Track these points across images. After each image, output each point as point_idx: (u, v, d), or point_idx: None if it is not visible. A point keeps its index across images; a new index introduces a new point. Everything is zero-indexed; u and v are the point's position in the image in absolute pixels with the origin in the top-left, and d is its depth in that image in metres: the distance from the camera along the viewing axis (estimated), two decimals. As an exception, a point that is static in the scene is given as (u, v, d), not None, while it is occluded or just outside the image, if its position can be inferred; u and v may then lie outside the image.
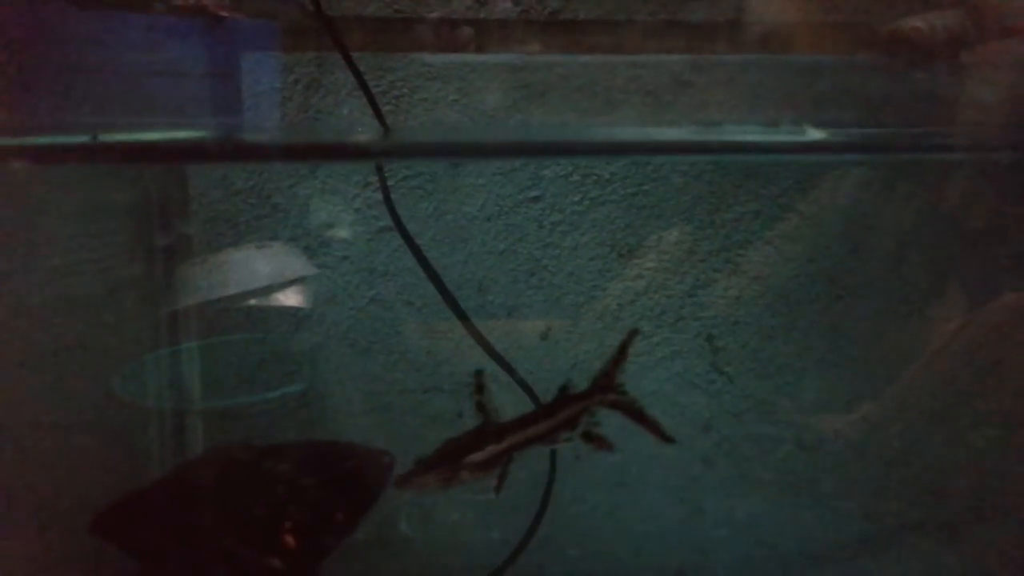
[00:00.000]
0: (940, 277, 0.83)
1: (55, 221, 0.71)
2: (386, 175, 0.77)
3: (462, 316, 0.76)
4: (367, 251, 0.83)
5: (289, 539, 0.60)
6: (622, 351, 0.57)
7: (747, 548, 0.88)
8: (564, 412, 0.56)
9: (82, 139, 0.55)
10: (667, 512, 0.88)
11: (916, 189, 0.81)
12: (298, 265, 0.83)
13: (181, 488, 0.67)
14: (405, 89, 0.77)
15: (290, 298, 0.84)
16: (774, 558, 0.88)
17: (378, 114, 0.73)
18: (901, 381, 0.84)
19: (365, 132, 0.75)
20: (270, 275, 0.82)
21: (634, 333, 0.58)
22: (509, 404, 0.85)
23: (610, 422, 0.60)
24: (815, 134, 0.65)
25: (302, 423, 0.86)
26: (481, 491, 0.87)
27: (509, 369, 0.77)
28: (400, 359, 0.85)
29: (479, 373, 0.55)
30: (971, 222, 0.79)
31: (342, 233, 0.82)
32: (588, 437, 0.57)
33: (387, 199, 0.76)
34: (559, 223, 0.82)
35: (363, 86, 0.71)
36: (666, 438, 0.60)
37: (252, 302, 0.82)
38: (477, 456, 0.54)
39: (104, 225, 0.76)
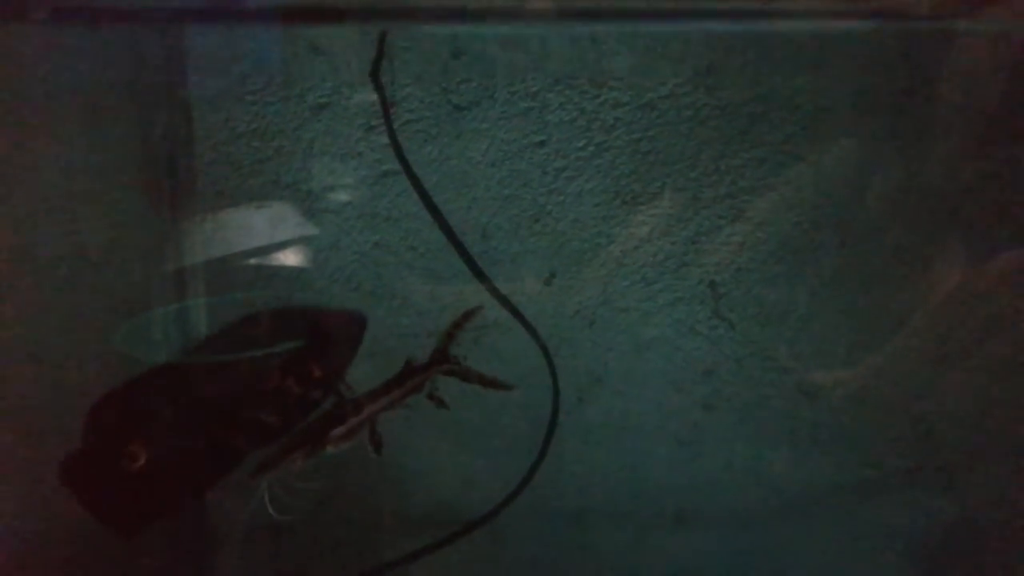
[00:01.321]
0: (946, 225, 0.83)
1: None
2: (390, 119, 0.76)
3: (469, 260, 0.77)
4: (370, 195, 0.82)
5: (275, 396, 0.63)
6: (455, 327, 0.67)
7: (746, 493, 0.89)
8: (410, 382, 0.65)
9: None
10: (667, 456, 0.89)
11: (922, 134, 0.81)
12: (297, 225, 0.83)
13: (163, 375, 0.67)
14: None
15: (290, 257, 0.85)
16: (773, 503, 0.89)
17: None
18: (904, 329, 0.85)
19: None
20: (269, 234, 0.83)
21: (470, 313, 0.68)
22: (513, 351, 0.87)
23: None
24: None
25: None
26: (481, 437, 0.89)
27: (516, 314, 0.77)
28: (403, 304, 0.86)
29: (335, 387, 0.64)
30: (979, 165, 0.79)
31: (345, 177, 0.82)
32: (430, 398, 0.67)
33: (394, 142, 0.75)
34: (563, 169, 0.82)
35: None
36: (505, 387, 0.69)
37: (252, 261, 0.83)
38: (340, 430, 0.61)
39: (111, 178, 0.75)
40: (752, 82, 0.80)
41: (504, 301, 0.77)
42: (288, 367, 0.64)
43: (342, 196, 0.82)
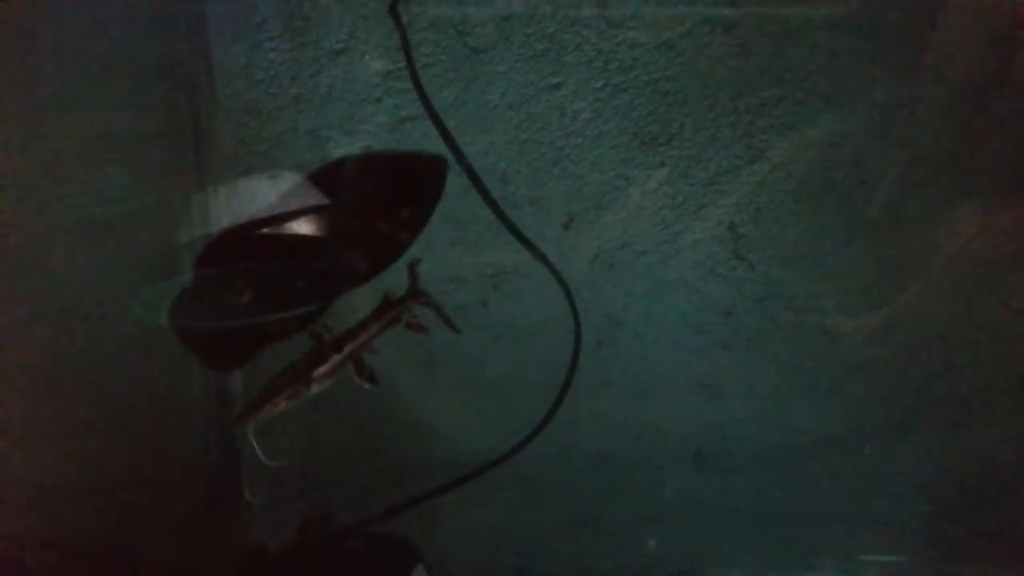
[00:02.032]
0: (969, 163, 0.83)
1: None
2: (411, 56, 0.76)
3: (492, 204, 0.77)
4: (389, 141, 0.83)
5: (367, 237, 0.67)
6: (412, 265, 0.71)
7: (766, 433, 0.90)
8: (388, 315, 0.67)
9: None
10: (687, 398, 0.90)
11: (945, 71, 0.80)
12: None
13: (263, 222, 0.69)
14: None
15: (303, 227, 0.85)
16: (793, 443, 0.90)
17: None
18: (924, 267, 0.85)
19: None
20: (282, 204, 0.83)
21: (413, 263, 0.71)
22: (532, 296, 0.87)
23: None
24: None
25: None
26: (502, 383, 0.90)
27: (541, 257, 0.78)
28: (423, 250, 0.86)
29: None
30: (1001, 103, 0.79)
31: (364, 123, 0.82)
32: (409, 326, 0.70)
33: (415, 79, 0.75)
34: (581, 111, 0.82)
35: None
36: (453, 328, 0.73)
37: (267, 230, 0.83)
38: (323, 369, 0.63)
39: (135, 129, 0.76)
40: (770, 20, 0.80)
41: (527, 243, 0.77)
42: (375, 211, 0.66)
43: (361, 143, 0.83)
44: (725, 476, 0.90)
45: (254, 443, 0.60)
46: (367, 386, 0.65)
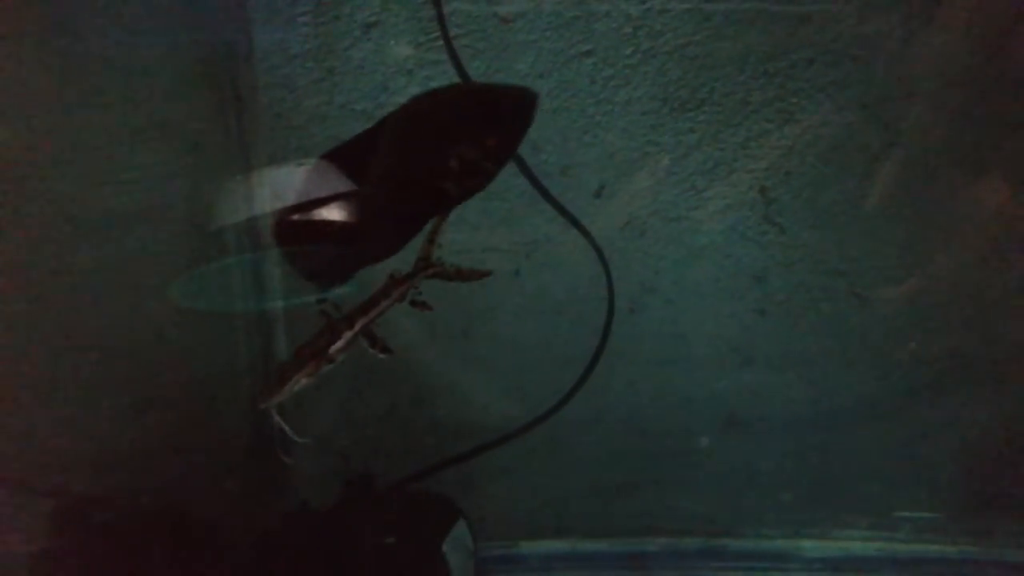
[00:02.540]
0: (999, 123, 0.82)
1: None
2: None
3: (526, 170, 0.78)
4: (422, 113, 0.84)
5: (456, 164, 0.67)
6: (433, 233, 0.71)
7: (798, 395, 0.91)
8: (396, 291, 0.68)
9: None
10: (719, 362, 0.91)
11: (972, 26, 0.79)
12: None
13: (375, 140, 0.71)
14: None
15: (332, 213, 0.87)
16: (825, 405, 0.91)
17: None
18: (956, 229, 0.85)
19: None
20: (310, 192, 0.85)
21: (440, 219, 0.71)
22: (564, 264, 0.89)
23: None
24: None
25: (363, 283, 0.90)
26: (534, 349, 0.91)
27: (575, 222, 0.79)
28: (457, 220, 0.87)
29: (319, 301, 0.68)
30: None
31: (396, 95, 0.83)
32: (414, 303, 0.70)
33: (453, 56, 0.76)
34: (611, 78, 0.82)
35: None
36: (482, 274, 0.74)
37: (296, 217, 0.85)
38: (338, 344, 0.64)
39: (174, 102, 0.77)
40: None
41: (561, 209, 0.78)
42: (463, 139, 0.67)
43: (394, 114, 0.84)
44: (757, 439, 0.91)
45: (280, 421, 0.63)
46: (381, 356, 0.67)
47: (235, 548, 0.63)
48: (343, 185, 0.70)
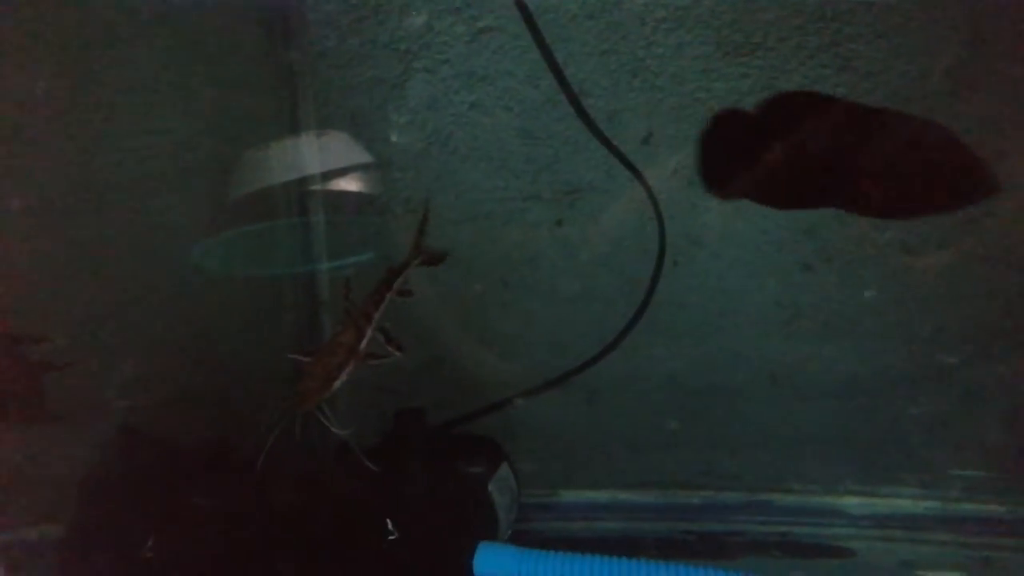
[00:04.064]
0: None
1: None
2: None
3: (581, 112, 0.76)
4: (467, 53, 0.82)
5: None
6: (423, 223, 0.75)
7: (845, 354, 0.88)
8: (397, 281, 0.70)
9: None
10: (764, 319, 0.88)
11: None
12: (358, 153, 0.85)
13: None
14: None
15: (352, 182, 0.86)
16: (873, 364, 0.88)
17: None
18: (1013, 183, 0.82)
19: None
20: (333, 161, 0.84)
21: (426, 210, 0.76)
22: (608, 214, 0.87)
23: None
24: None
25: (401, 231, 0.88)
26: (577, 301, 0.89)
27: (629, 166, 0.77)
28: (500, 166, 0.86)
29: (347, 282, 0.70)
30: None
31: (442, 35, 0.81)
32: (400, 293, 0.72)
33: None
34: (663, 20, 0.80)
35: None
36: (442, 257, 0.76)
37: (319, 186, 0.84)
38: (364, 342, 0.65)
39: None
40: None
41: (618, 154, 0.76)
42: None
43: (438, 55, 0.82)
44: (803, 397, 0.89)
45: (325, 420, 0.62)
46: (398, 354, 0.67)
47: (280, 482, 0.62)
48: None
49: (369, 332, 0.66)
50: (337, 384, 0.62)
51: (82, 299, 0.57)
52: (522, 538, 0.71)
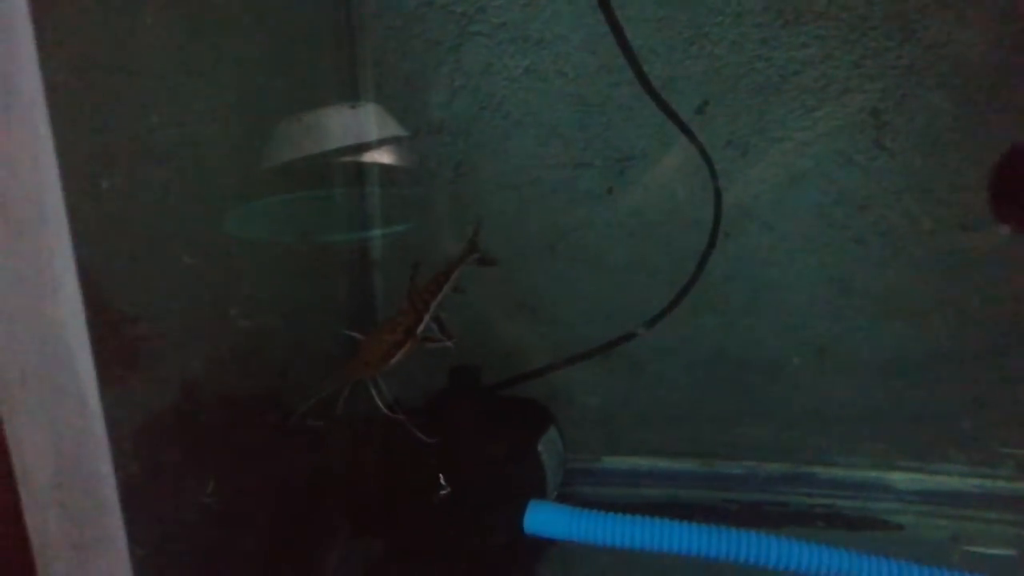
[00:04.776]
0: None
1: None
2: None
3: (641, 77, 0.75)
4: (523, 18, 0.81)
5: None
6: (475, 232, 0.78)
7: (896, 330, 0.87)
8: (454, 274, 0.73)
9: None
10: (813, 292, 0.88)
11: None
12: (391, 125, 0.85)
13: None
14: None
15: (386, 155, 0.86)
16: (924, 341, 0.87)
17: None
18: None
19: None
20: (367, 133, 0.84)
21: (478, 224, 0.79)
22: (656, 183, 0.86)
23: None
24: None
25: (452, 197, 0.89)
26: (624, 272, 0.89)
27: (686, 130, 0.77)
28: (551, 133, 0.86)
29: (415, 266, 0.70)
30: None
31: (498, -2, 0.81)
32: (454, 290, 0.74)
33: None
34: (723, -14, 0.79)
35: None
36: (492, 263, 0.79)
37: (351, 158, 0.84)
38: (422, 325, 0.68)
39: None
40: None
41: (677, 120, 0.76)
42: None
43: (494, 18, 0.82)
44: (851, 371, 0.88)
45: (376, 395, 0.63)
46: (449, 344, 0.70)
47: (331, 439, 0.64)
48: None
49: (427, 318, 0.68)
50: (393, 361, 0.64)
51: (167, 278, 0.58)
52: (566, 502, 0.71)
